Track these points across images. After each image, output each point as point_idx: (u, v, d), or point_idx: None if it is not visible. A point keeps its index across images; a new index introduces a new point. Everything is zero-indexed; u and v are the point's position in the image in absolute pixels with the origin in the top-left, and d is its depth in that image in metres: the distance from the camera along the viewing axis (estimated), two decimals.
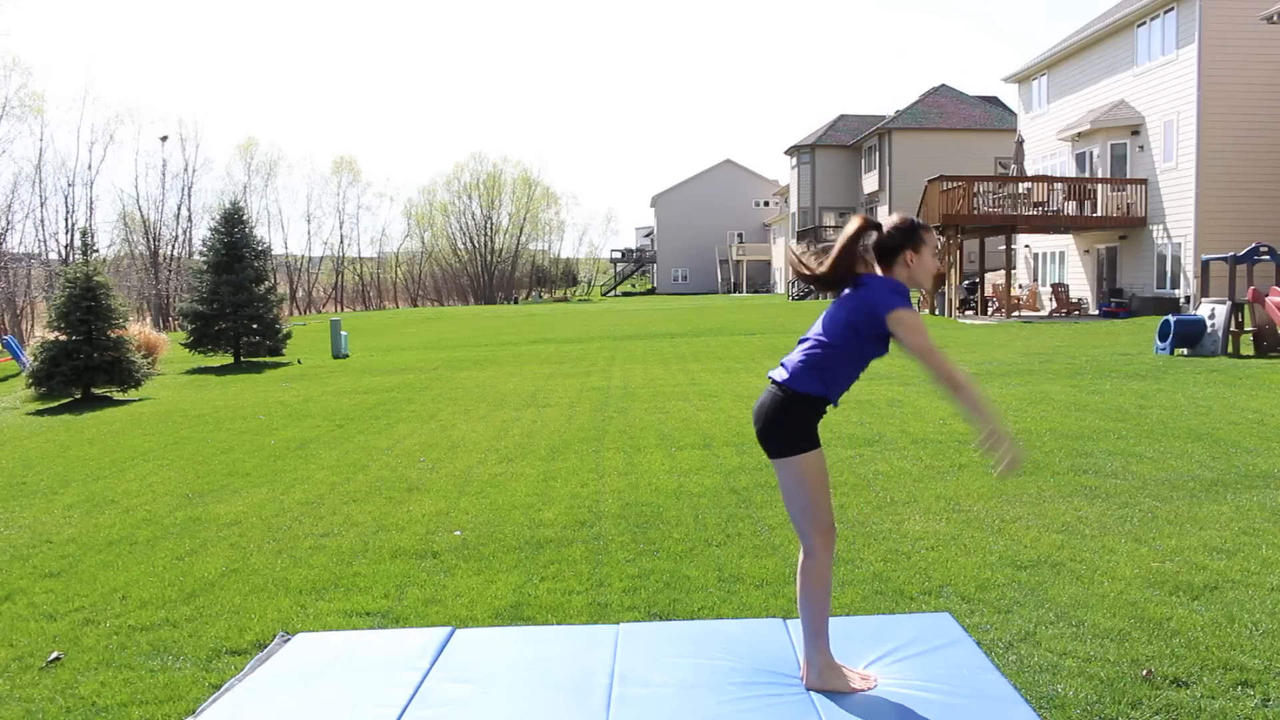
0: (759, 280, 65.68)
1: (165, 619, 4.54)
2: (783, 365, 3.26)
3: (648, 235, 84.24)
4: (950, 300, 26.22)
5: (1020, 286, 28.72)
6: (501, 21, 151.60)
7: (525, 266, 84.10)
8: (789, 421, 3.15)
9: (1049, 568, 4.71)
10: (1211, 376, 11.78)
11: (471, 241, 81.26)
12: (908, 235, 3.17)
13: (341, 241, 75.34)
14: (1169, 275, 22.85)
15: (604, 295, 77.07)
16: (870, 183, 47.10)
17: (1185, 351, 14.65)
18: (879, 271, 3.23)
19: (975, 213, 24.60)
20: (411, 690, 3.30)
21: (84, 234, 19.98)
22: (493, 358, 19.59)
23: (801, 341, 3.29)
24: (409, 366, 18.41)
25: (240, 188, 67.17)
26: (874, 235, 3.22)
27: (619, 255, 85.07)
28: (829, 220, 50.00)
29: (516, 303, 73.13)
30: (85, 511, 7.03)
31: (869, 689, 3.19)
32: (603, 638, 3.76)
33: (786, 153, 53.02)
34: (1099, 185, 24.43)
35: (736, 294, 62.09)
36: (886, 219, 3.25)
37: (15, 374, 21.65)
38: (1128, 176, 24.42)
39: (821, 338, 3.22)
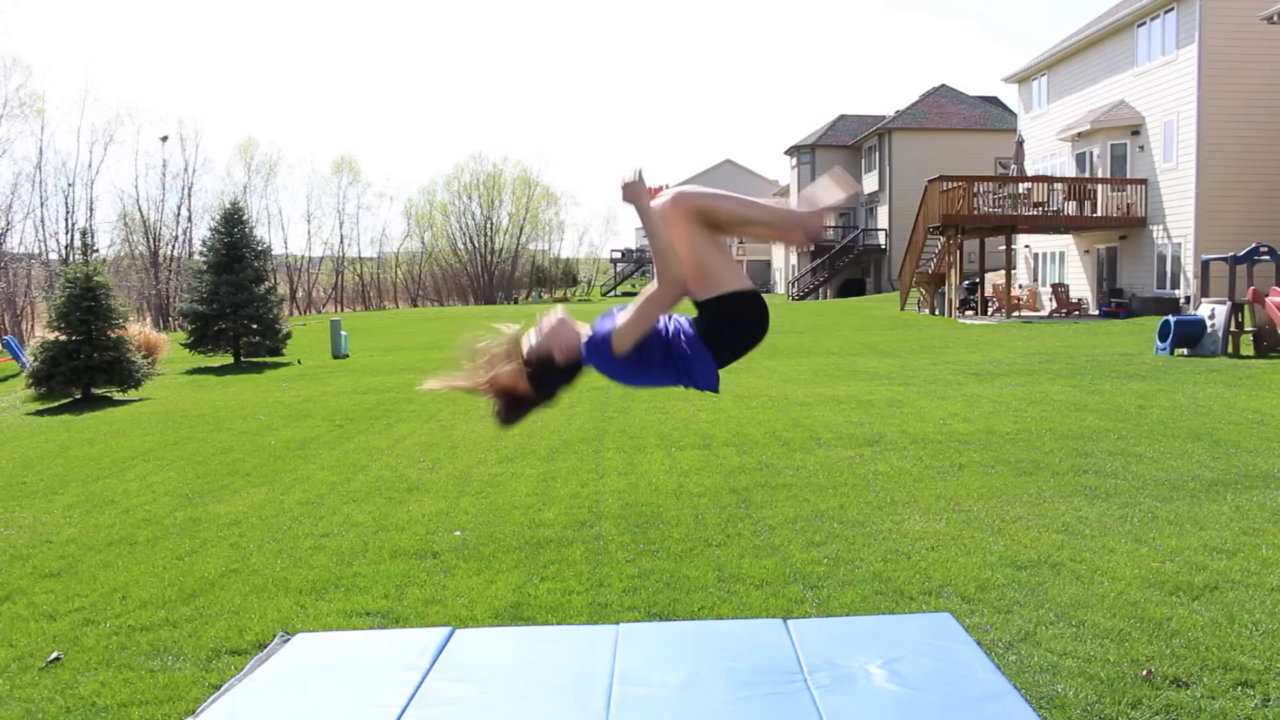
0: (759, 280, 65.71)
1: (165, 619, 4.54)
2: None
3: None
4: (950, 300, 26.21)
5: (1020, 286, 28.70)
6: (501, 22, 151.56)
7: (525, 266, 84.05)
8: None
9: (1049, 568, 4.71)
10: (1211, 376, 11.78)
11: (471, 241, 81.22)
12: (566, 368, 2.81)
13: (341, 241, 75.30)
14: (1169, 275, 22.84)
15: (604, 295, 77.05)
16: (870, 183, 47.10)
17: (1185, 352, 14.65)
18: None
19: (975, 213, 24.58)
20: (411, 690, 3.29)
21: (84, 234, 19.99)
22: None
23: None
24: (409, 366, 18.41)
25: (240, 188, 67.07)
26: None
27: (619, 255, 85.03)
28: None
29: (516, 303, 73.13)
30: (85, 511, 7.03)
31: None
32: (603, 638, 3.75)
33: (786, 153, 53.00)
34: (1099, 185, 24.41)
35: None
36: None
37: (15, 374, 21.65)
38: (1128, 176, 24.40)
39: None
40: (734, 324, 2.76)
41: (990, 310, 26.79)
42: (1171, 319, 14.73)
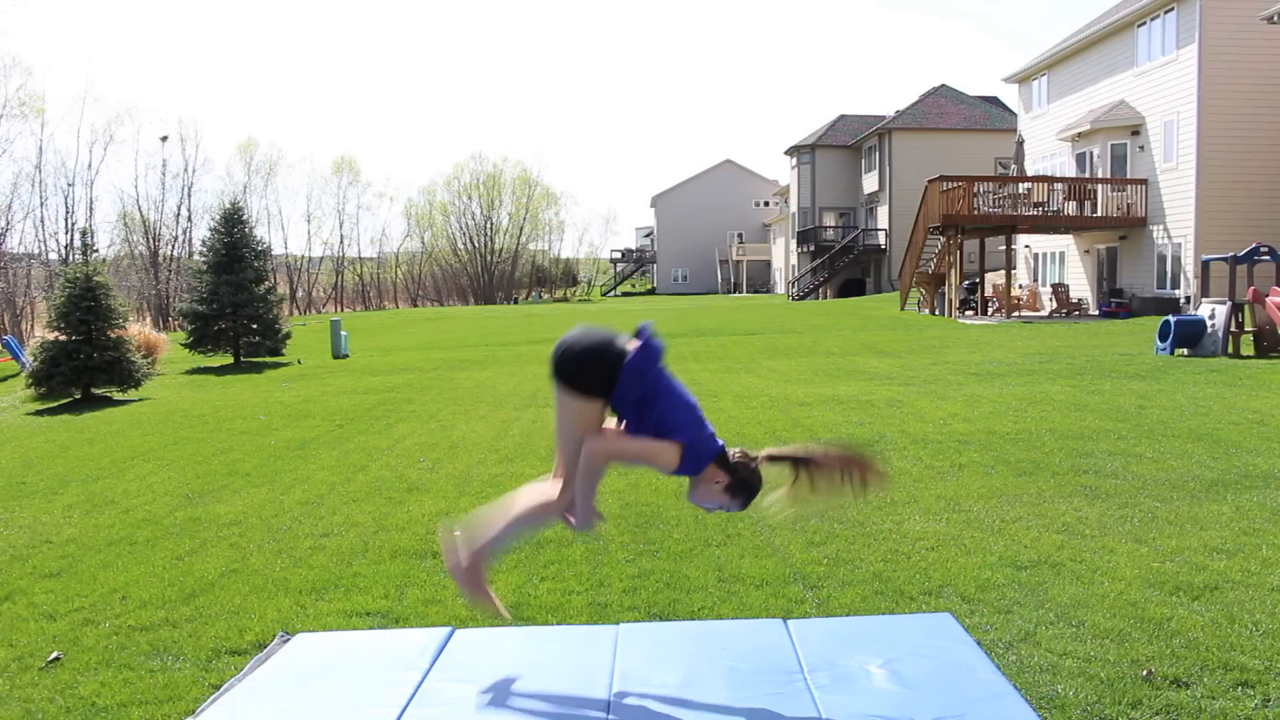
0: (759, 280, 65.69)
1: (165, 619, 4.54)
2: (644, 356, 3.13)
3: (648, 235, 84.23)
4: (950, 300, 26.21)
5: (1020, 286, 28.71)
6: (501, 22, 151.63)
7: (525, 266, 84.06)
8: (593, 371, 3.04)
9: (1049, 568, 4.71)
10: (1211, 377, 11.78)
11: (471, 241, 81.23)
12: (741, 485, 3.12)
13: (341, 241, 75.34)
14: (1169, 275, 22.84)
15: (604, 295, 77.05)
16: (870, 183, 47.11)
17: (1185, 352, 14.65)
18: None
19: (975, 213, 24.58)
20: (411, 690, 3.29)
21: (84, 234, 20.00)
22: (493, 358, 19.59)
23: (665, 370, 3.19)
24: (409, 366, 18.41)
25: (240, 188, 67.15)
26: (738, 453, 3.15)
27: (619, 255, 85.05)
28: (829, 220, 50.03)
29: (516, 303, 73.12)
30: (85, 511, 7.03)
31: (497, 615, 3.27)
32: (603, 638, 3.75)
33: (786, 153, 53.01)
34: (1099, 185, 24.41)
35: (737, 294, 62.10)
36: (755, 461, 3.13)
37: (15, 374, 21.65)
38: (1128, 176, 24.41)
39: (672, 390, 3.15)
40: (595, 376, 3.03)
41: (990, 310, 26.80)
42: (1171, 319, 14.74)
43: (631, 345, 3.05)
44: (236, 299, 21.57)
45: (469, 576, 3.25)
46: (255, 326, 22.26)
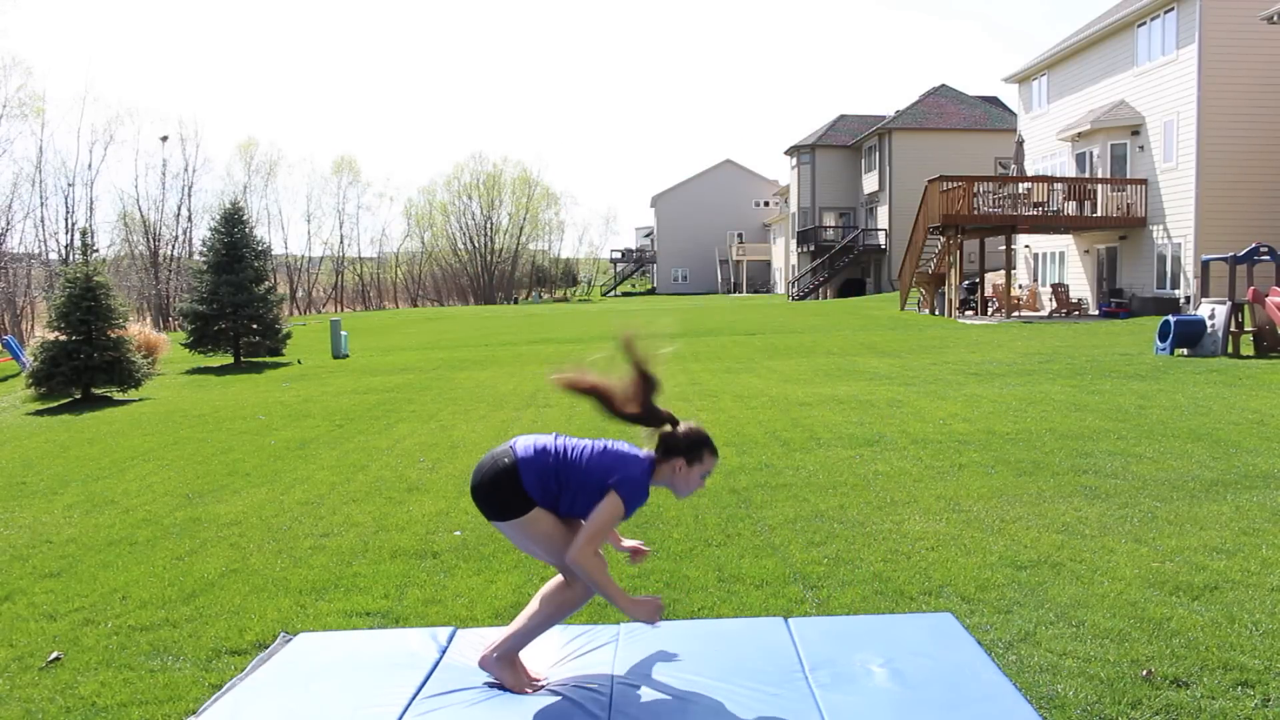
0: (759, 280, 65.68)
1: (165, 619, 4.54)
2: (528, 444, 3.28)
3: (648, 235, 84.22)
4: (950, 300, 26.21)
5: (1020, 286, 28.71)
6: (501, 22, 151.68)
7: (525, 266, 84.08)
8: (503, 492, 3.19)
9: (1049, 568, 4.72)
10: (1211, 377, 11.79)
11: (471, 241, 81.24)
12: (691, 449, 3.21)
13: (341, 241, 75.35)
14: (1169, 275, 22.84)
15: (604, 295, 77.05)
16: (870, 183, 47.10)
17: (1185, 352, 14.65)
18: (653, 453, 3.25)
19: (975, 213, 24.58)
20: (412, 690, 3.30)
21: (84, 234, 19.98)
22: (492, 358, 19.59)
23: (558, 441, 3.31)
24: (409, 366, 18.41)
25: (240, 188, 67.16)
26: (668, 428, 3.26)
27: (619, 255, 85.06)
28: (829, 220, 50.03)
29: (516, 303, 73.11)
30: (85, 511, 7.03)
31: (533, 691, 3.27)
32: (603, 638, 3.76)
33: (786, 153, 53.00)
34: (1099, 185, 24.41)
35: (737, 294, 62.08)
36: (682, 424, 3.25)
37: (15, 374, 21.65)
38: (1128, 176, 24.40)
39: (576, 455, 3.26)
40: (508, 489, 3.21)
41: (990, 310, 26.80)
42: (1171, 319, 14.73)
43: (516, 446, 3.27)
44: (236, 299, 21.57)
45: (500, 664, 3.34)
46: (255, 326, 22.25)
